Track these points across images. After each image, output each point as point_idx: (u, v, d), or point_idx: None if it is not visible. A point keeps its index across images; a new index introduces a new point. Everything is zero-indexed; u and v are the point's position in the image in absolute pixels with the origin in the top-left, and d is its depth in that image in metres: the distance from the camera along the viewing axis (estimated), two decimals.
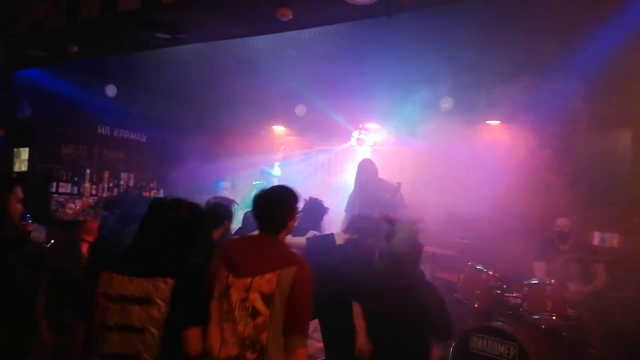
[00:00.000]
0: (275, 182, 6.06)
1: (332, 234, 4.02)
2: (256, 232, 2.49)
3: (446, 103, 6.31)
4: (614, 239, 5.36)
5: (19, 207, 2.55)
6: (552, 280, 4.47)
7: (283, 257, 2.30)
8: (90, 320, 2.15)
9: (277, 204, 2.43)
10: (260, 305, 2.19)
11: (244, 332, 2.18)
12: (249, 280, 2.22)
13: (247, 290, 2.20)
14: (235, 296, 2.22)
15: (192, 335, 2.13)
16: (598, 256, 4.82)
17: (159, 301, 2.09)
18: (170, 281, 2.11)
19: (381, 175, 5.47)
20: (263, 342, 2.17)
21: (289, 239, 4.43)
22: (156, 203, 2.33)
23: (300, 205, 2.66)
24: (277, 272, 2.21)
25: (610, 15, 4.38)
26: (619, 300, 4.67)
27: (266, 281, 2.20)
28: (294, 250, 2.52)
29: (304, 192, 6.23)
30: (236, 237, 2.46)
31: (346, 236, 3.88)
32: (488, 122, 6.41)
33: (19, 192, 2.56)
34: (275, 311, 2.19)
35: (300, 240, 4.36)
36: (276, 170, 6.07)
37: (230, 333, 2.19)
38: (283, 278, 2.21)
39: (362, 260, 3.40)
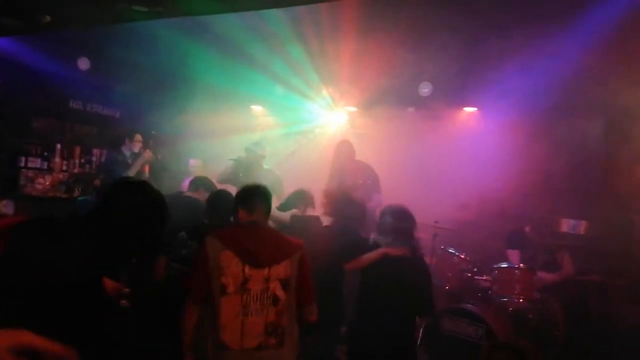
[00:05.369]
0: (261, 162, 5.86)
1: (318, 216, 4.03)
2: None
3: (425, 88, 6.34)
4: (581, 226, 5.52)
5: None
6: (521, 265, 4.60)
7: (290, 243, 2.53)
8: None
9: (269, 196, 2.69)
10: (280, 292, 2.36)
11: (267, 320, 2.33)
12: (266, 270, 2.36)
13: (267, 279, 2.35)
14: (255, 288, 2.34)
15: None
16: (564, 242, 4.95)
17: None
18: None
19: (358, 157, 5.48)
20: (284, 325, 2.36)
21: (274, 212, 4.47)
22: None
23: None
24: (290, 258, 2.44)
25: (588, 6, 4.45)
26: (584, 284, 4.83)
27: (283, 268, 2.40)
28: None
29: (285, 173, 6.17)
30: (229, 227, 2.63)
31: (331, 219, 3.91)
32: (465, 108, 6.49)
33: None
34: (290, 294, 2.42)
35: (285, 216, 4.36)
36: (262, 150, 5.77)
37: (252, 325, 2.31)
38: (294, 262, 2.45)
39: (351, 240, 3.52)
